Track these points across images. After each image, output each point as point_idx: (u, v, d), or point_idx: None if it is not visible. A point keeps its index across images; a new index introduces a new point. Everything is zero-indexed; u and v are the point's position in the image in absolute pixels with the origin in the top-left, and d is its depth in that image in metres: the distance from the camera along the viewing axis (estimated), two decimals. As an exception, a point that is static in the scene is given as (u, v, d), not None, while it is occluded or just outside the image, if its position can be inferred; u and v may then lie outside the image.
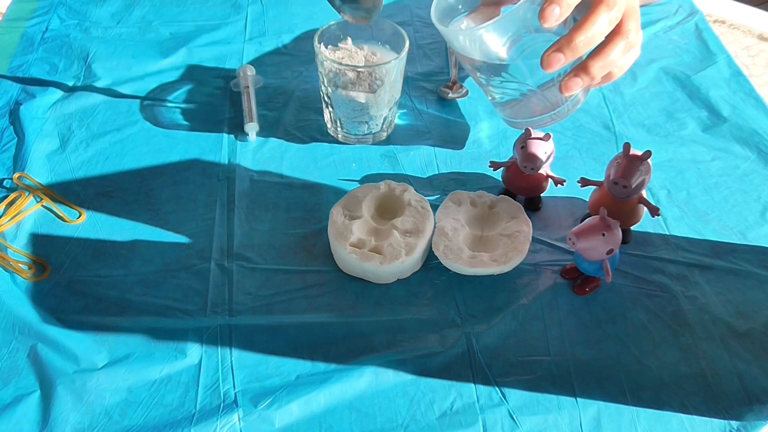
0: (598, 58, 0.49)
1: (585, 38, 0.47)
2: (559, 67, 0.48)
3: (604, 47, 0.49)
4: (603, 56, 0.49)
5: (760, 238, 0.60)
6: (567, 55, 0.48)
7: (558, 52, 0.48)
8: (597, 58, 0.49)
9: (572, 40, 0.47)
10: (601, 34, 0.48)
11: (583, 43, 0.48)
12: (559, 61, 0.48)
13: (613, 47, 0.49)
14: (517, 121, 0.57)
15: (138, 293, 0.54)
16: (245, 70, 0.73)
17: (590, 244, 0.51)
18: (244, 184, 0.63)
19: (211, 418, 0.47)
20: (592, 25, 0.47)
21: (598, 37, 0.48)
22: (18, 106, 0.69)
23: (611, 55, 0.49)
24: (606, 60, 0.49)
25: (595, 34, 0.48)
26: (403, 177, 0.65)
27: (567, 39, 0.48)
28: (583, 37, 0.47)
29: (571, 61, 0.48)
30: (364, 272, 0.55)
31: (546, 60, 0.48)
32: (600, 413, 0.48)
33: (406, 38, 0.63)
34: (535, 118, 0.56)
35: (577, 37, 0.47)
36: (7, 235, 0.58)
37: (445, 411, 0.48)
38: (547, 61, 0.48)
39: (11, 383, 0.49)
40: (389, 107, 0.66)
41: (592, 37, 0.48)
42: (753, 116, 0.71)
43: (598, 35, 0.48)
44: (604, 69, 0.50)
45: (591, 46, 0.49)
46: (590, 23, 0.47)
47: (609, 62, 0.50)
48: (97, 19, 0.82)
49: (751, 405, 0.49)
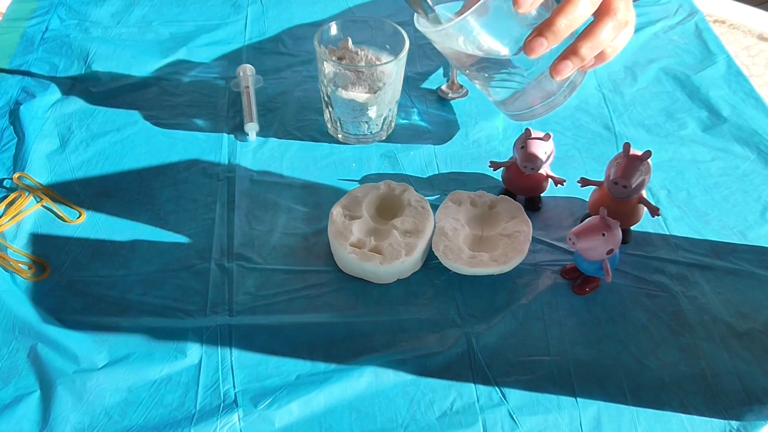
0: (587, 39, 0.48)
1: (566, 21, 0.46)
2: (542, 52, 0.47)
3: (592, 28, 0.49)
4: (591, 37, 0.48)
5: (760, 238, 0.60)
6: (549, 39, 0.47)
7: (540, 37, 0.47)
8: (585, 39, 0.49)
9: (553, 24, 0.46)
10: (583, 16, 0.47)
11: (565, 25, 0.47)
12: (542, 45, 0.47)
13: (601, 27, 0.48)
14: (518, 113, 0.57)
15: (138, 293, 0.54)
16: (245, 70, 0.73)
17: (590, 244, 0.51)
18: (244, 184, 0.63)
19: (211, 418, 0.47)
20: (573, 7, 0.46)
21: (581, 19, 0.47)
22: (18, 106, 0.69)
23: (600, 35, 0.48)
24: (594, 41, 0.48)
25: (576, 17, 0.47)
26: (403, 177, 0.65)
27: (548, 23, 0.47)
28: (565, 20, 0.46)
29: (554, 45, 0.47)
30: (364, 272, 0.55)
31: (529, 45, 0.47)
32: (600, 413, 0.48)
33: (406, 38, 0.63)
34: (535, 107, 0.55)
35: (557, 21, 0.46)
36: (7, 235, 0.58)
37: (445, 411, 0.48)
38: (530, 47, 0.47)
39: (11, 383, 0.49)
40: (389, 107, 0.66)
41: (574, 20, 0.47)
42: (753, 116, 0.71)
43: (579, 17, 0.47)
44: (593, 50, 0.49)
45: (574, 28, 0.48)
46: (571, 5, 0.46)
47: (598, 43, 0.49)
48: (97, 19, 0.82)
49: (751, 405, 0.49)
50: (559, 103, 0.54)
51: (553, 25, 0.47)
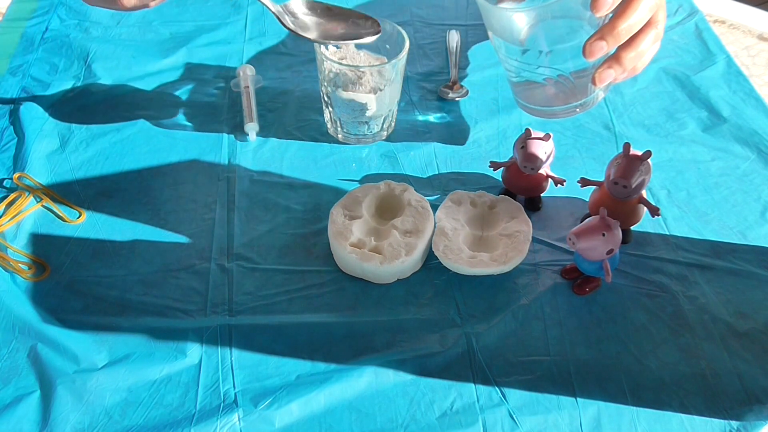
0: (631, 48, 0.48)
1: (627, 25, 0.46)
2: (601, 55, 0.47)
3: (636, 37, 0.48)
4: (635, 46, 0.48)
5: (760, 238, 0.60)
6: (610, 42, 0.46)
7: (601, 40, 0.46)
8: (629, 49, 0.48)
9: (615, 27, 0.46)
10: (641, 21, 0.47)
11: (625, 30, 0.46)
12: (602, 49, 0.47)
13: (644, 37, 0.48)
14: (536, 108, 0.56)
15: (138, 293, 0.54)
16: (245, 70, 0.73)
17: (590, 244, 0.51)
18: (244, 184, 0.63)
19: (211, 418, 0.47)
20: (634, 12, 0.46)
21: (638, 25, 0.47)
22: (18, 106, 0.69)
23: (642, 45, 0.48)
24: (638, 50, 0.48)
25: (636, 22, 0.47)
26: (403, 177, 0.65)
27: (610, 26, 0.46)
28: (626, 24, 0.46)
29: (613, 48, 0.47)
30: (364, 272, 0.55)
31: (588, 48, 0.47)
32: (600, 413, 0.48)
33: (406, 38, 0.63)
34: (560, 107, 0.54)
35: (620, 25, 0.46)
36: (7, 235, 0.58)
37: (445, 411, 0.48)
38: (589, 50, 0.47)
39: (11, 383, 0.49)
40: (389, 107, 0.66)
41: (633, 25, 0.47)
42: (753, 116, 0.71)
43: (638, 23, 0.47)
44: (635, 60, 0.49)
45: (632, 32, 0.47)
46: (632, 10, 0.46)
47: (640, 53, 0.48)
48: (97, 19, 0.82)
49: (751, 405, 0.49)
50: (586, 108, 0.54)
51: (615, 28, 0.46)
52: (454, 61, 0.75)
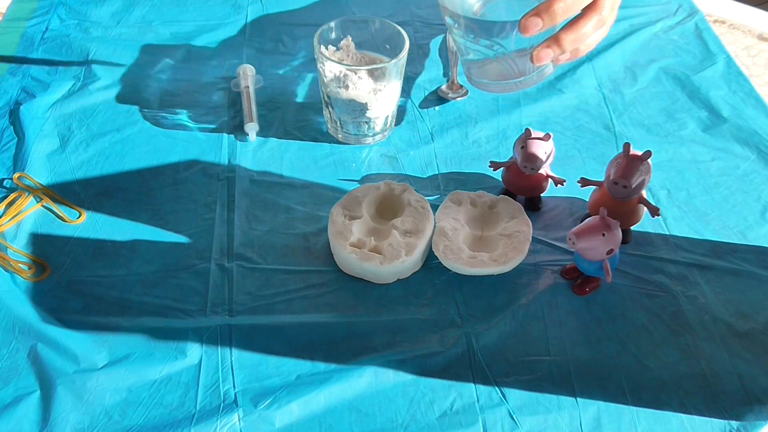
0: (571, 31, 0.49)
1: (564, 5, 0.47)
2: (536, 31, 0.48)
3: (577, 21, 0.49)
4: (575, 29, 0.49)
5: (760, 238, 0.60)
6: (545, 20, 0.47)
7: (536, 17, 0.47)
8: (570, 31, 0.49)
9: (551, 6, 0.47)
10: (579, 4, 0.48)
11: (561, 9, 0.47)
12: (537, 25, 0.47)
13: (586, 21, 0.49)
14: (484, 81, 0.56)
15: (138, 293, 0.54)
16: (245, 70, 0.73)
17: (590, 244, 0.51)
18: (244, 184, 0.63)
19: (211, 418, 0.47)
20: None
21: (576, 5, 0.48)
22: (18, 106, 0.69)
23: (583, 28, 0.49)
24: (578, 33, 0.49)
25: (573, 3, 0.47)
26: (403, 177, 0.65)
27: (546, 5, 0.47)
28: (563, 4, 0.47)
29: (548, 27, 0.48)
30: (364, 272, 0.55)
31: (524, 23, 0.48)
32: (600, 413, 0.48)
33: (406, 38, 0.63)
34: (502, 82, 0.55)
35: (556, 3, 0.47)
36: (7, 235, 0.58)
37: (445, 411, 0.48)
38: (525, 25, 0.48)
39: (11, 383, 0.49)
40: (389, 107, 0.66)
41: (571, 5, 0.47)
42: (753, 116, 0.71)
43: (576, 5, 0.48)
44: (575, 42, 0.50)
45: (569, 14, 0.48)
46: None
47: (580, 36, 0.49)
48: (97, 19, 0.82)
49: (751, 405, 0.49)
50: (526, 86, 0.55)
51: (551, 7, 0.47)
52: (454, 61, 0.75)
